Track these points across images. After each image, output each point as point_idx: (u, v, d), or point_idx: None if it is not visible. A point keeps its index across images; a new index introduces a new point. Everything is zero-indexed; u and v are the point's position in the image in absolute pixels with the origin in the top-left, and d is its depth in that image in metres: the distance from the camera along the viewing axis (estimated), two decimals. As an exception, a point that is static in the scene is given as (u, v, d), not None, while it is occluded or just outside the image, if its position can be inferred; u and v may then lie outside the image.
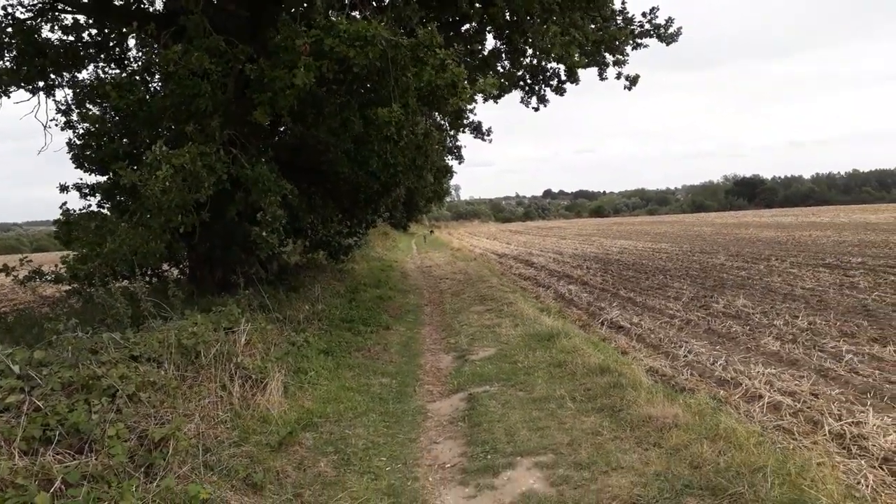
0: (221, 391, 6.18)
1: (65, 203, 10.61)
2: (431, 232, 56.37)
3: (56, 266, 9.62)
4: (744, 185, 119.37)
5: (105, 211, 11.79)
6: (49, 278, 9.51)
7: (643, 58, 49.48)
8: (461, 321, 12.10)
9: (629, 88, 16.93)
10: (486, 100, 21.02)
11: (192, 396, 5.65)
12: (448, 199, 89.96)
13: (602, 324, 11.57)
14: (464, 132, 25.34)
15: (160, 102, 10.25)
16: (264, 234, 9.71)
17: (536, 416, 6.29)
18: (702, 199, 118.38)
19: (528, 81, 20.11)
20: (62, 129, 12.55)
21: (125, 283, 14.46)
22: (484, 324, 11.54)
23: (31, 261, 9.76)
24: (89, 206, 11.62)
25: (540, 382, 7.36)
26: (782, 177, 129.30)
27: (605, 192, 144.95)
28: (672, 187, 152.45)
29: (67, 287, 10.50)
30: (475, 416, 6.49)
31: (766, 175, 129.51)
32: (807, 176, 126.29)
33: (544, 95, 20.09)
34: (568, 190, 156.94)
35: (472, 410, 6.72)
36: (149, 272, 14.44)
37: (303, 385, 7.48)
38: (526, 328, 10.37)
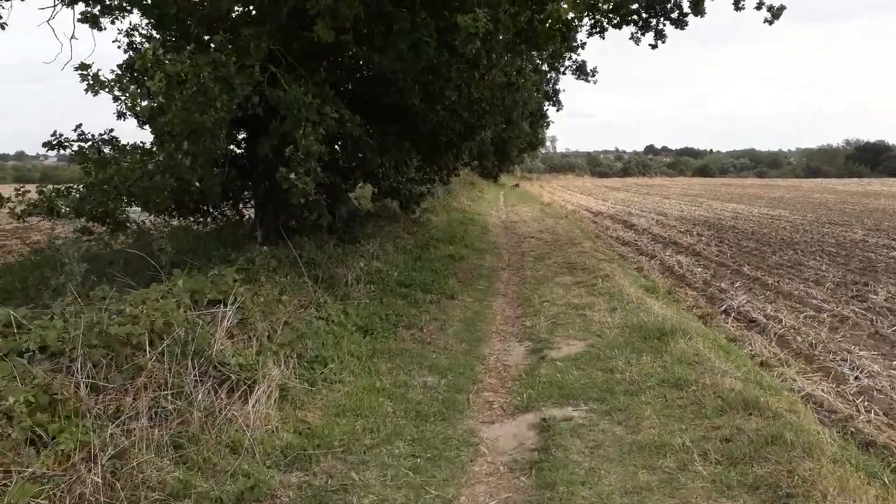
0: (174, 402, 4.16)
1: (79, 125, 8.90)
2: (516, 185, 53.41)
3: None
4: (867, 150, 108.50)
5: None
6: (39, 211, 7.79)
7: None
8: (543, 295, 9.72)
9: (770, 22, 13.58)
10: (591, 33, 18.11)
11: (107, 419, 3.64)
12: (542, 150, 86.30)
13: (727, 314, 8.91)
14: (564, 73, 22.54)
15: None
16: (293, 175, 7.60)
17: (644, 484, 3.93)
18: (818, 163, 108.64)
19: (643, 14, 16.99)
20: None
21: (171, 220, 13.02)
22: (571, 302, 9.12)
23: (28, 191, 8.07)
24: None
25: (649, 413, 4.95)
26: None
27: (711, 150, 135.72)
28: (785, 149, 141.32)
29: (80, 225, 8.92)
30: (548, 469, 4.19)
31: (893, 141, 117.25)
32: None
33: (662, 30, 16.90)
34: (671, 146, 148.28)
35: (544, 454, 4.42)
36: (203, 209, 12.91)
37: (314, 384, 5.40)
38: (627, 315, 7.89)
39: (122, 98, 7.69)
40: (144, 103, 7.82)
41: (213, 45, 7.91)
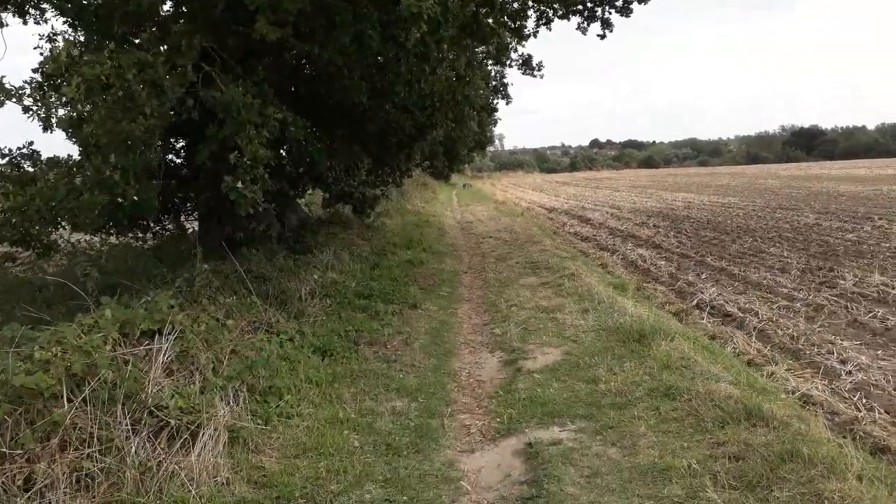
0: (101, 461, 3.48)
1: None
2: (468, 185, 53.03)
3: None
4: (802, 135, 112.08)
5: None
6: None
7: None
8: (509, 298, 9.23)
9: None
10: (537, 24, 17.82)
11: (13, 495, 2.96)
12: (491, 148, 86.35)
13: (700, 309, 8.57)
14: (510, 66, 22.20)
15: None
16: (239, 184, 6.90)
17: (657, 520, 3.45)
18: (757, 150, 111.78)
19: (588, 4, 16.79)
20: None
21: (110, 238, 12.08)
22: (540, 304, 8.65)
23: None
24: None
25: (644, 430, 4.47)
26: (842, 127, 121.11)
27: (654, 141, 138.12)
28: (724, 137, 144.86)
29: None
30: (543, 506, 3.69)
31: (825, 125, 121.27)
32: (871, 126, 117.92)
33: (608, 19, 16.74)
34: (616, 139, 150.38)
35: (536, 488, 3.88)
36: (142, 224, 12.02)
37: (269, 420, 4.76)
38: (600, 316, 7.45)
39: (34, 108, 6.83)
40: (62, 112, 6.98)
41: (139, 44, 7.13)
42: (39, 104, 6.73)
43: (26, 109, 6.71)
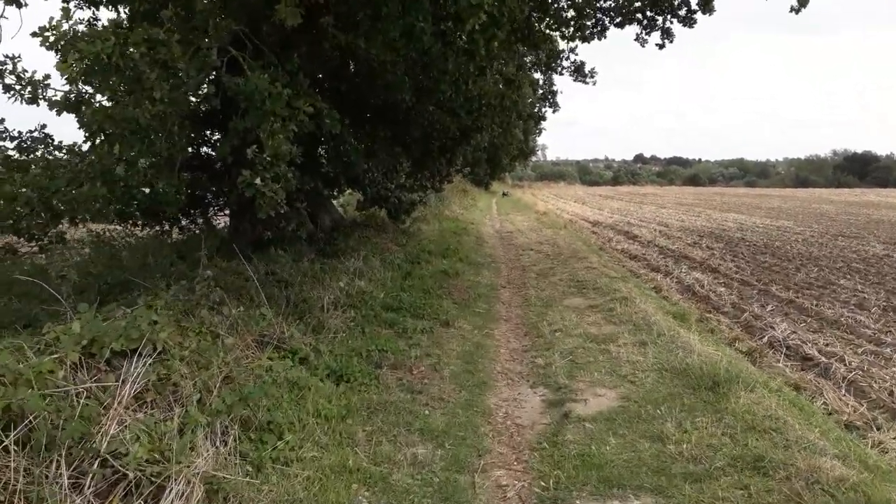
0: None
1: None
2: (505, 194, 51.64)
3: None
4: (854, 160, 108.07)
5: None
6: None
7: (756, 15, 42.80)
8: (553, 321, 8.22)
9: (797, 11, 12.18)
10: (591, 32, 17.02)
11: None
12: (533, 158, 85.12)
13: (772, 348, 7.43)
14: (561, 74, 21.13)
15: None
16: (258, 181, 6.04)
17: None
18: (806, 173, 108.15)
19: (648, 13, 15.76)
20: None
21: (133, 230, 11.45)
22: (588, 332, 7.61)
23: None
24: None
25: (736, 520, 3.46)
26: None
27: (699, 159, 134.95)
28: (772, 159, 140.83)
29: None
30: None
31: (880, 152, 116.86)
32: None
33: (669, 28, 15.70)
34: (660, 155, 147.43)
35: None
36: (169, 217, 11.35)
37: (261, 468, 3.86)
38: (661, 353, 6.41)
39: (18, 87, 6.01)
40: (52, 93, 6.14)
41: (158, 20, 6.35)
42: (24, 83, 5.94)
43: (7, 89, 5.93)
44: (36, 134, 7.53)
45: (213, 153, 12.36)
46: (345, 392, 5.35)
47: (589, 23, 15.99)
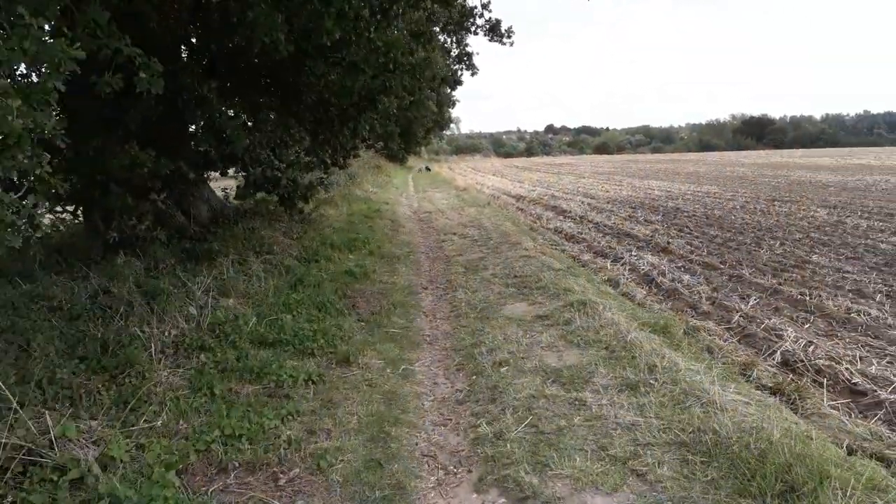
0: None
1: None
2: (427, 169, 48.81)
3: None
4: (752, 124, 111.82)
5: None
6: None
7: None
8: (493, 344, 5.85)
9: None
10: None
11: None
12: (447, 132, 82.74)
13: (792, 369, 5.33)
14: (476, 33, 18.71)
15: None
16: None
17: None
18: (708, 137, 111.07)
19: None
20: None
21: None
22: (546, 363, 5.29)
23: None
24: None
25: None
26: (791, 116, 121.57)
27: (607, 128, 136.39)
28: (675, 125, 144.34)
29: None
30: None
31: (774, 115, 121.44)
32: (817, 116, 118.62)
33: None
34: (570, 125, 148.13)
35: None
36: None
37: None
38: (665, 404, 4.17)
39: None
40: None
41: None
42: None
43: None
44: None
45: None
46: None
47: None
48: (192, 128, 10.54)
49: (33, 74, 5.61)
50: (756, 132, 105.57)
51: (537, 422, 4.22)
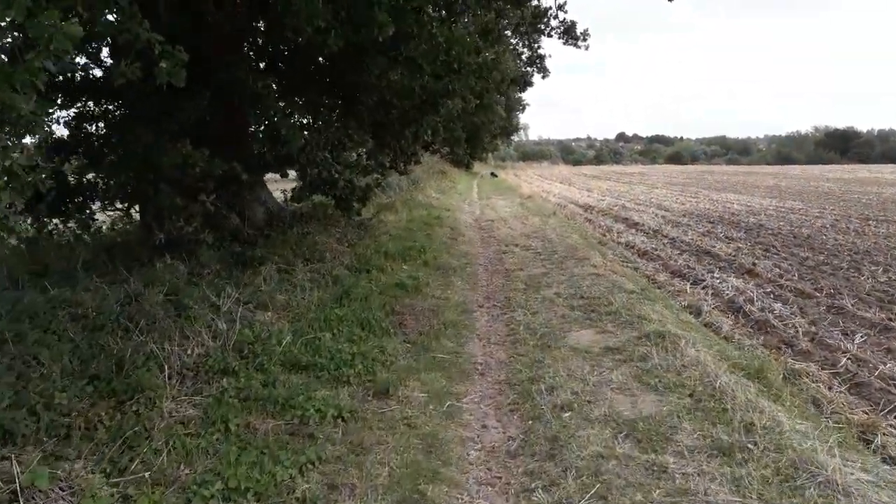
0: None
1: None
2: (493, 175, 47.67)
3: None
4: (835, 136, 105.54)
5: None
6: None
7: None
8: (554, 382, 5.03)
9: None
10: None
11: None
12: (515, 138, 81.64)
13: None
14: (549, 35, 17.83)
15: None
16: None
17: None
18: (788, 150, 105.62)
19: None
20: None
21: None
22: (617, 411, 4.44)
23: None
24: None
25: None
26: (878, 130, 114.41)
27: (681, 137, 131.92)
28: (752, 136, 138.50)
29: None
30: None
31: (860, 128, 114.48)
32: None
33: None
34: (642, 134, 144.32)
35: None
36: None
37: None
38: (766, 474, 3.28)
39: None
40: None
41: None
42: None
43: None
44: None
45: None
46: None
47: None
48: (253, 128, 10.20)
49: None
50: (840, 146, 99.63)
51: (606, 492, 3.40)
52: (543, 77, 19.55)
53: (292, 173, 10.89)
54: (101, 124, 8.79)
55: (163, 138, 7.66)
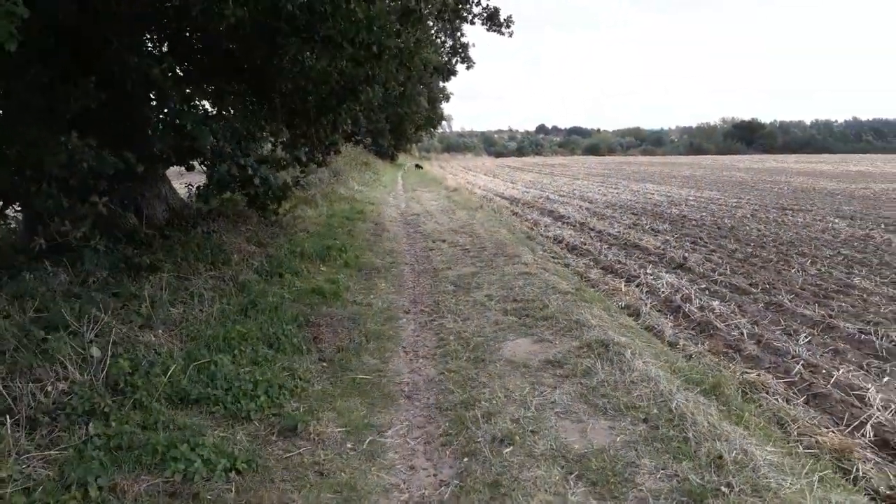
0: None
1: None
2: (419, 166, 46.79)
3: None
4: (742, 128, 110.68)
5: None
6: None
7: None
8: (492, 406, 4.37)
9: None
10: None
11: None
12: (438, 129, 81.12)
13: (882, 448, 3.90)
14: (472, 22, 17.18)
15: None
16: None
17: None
18: (699, 140, 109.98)
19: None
20: None
21: None
22: (566, 443, 3.82)
23: None
24: None
25: None
26: (780, 122, 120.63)
27: (598, 129, 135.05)
28: (665, 127, 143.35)
29: None
30: None
31: (764, 119, 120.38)
32: (807, 122, 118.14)
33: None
34: (561, 126, 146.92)
35: None
36: None
37: None
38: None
39: None
40: None
41: None
42: None
43: None
44: None
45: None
46: None
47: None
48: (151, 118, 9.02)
49: None
50: (746, 136, 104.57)
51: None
52: (468, 67, 18.92)
53: (199, 166, 9.76)
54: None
55: (45, 132, 6.54)
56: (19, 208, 8.11)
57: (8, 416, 3.51)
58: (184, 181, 11.12)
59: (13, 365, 3.99)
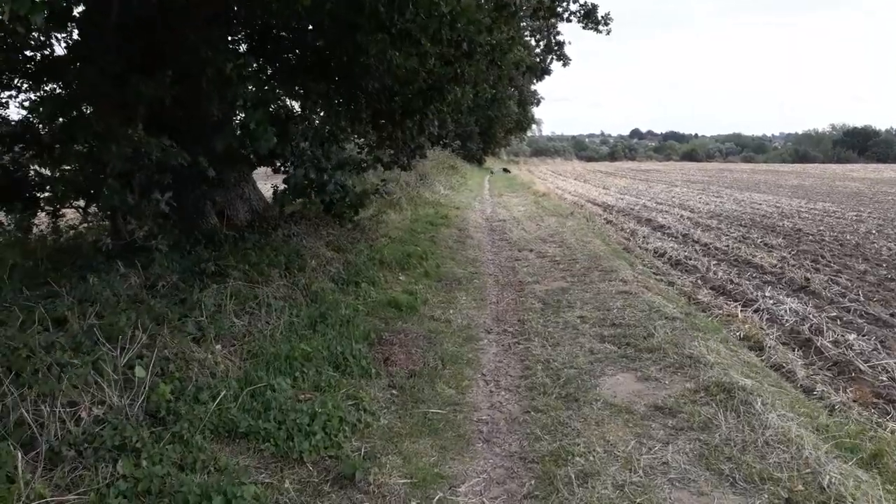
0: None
1: None
2: (506, 170, 45.68)
3: None
4: (854, 135, 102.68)
5: None
6: None
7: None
8: (587, 462, 3.57)
9: None
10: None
11: None
12: (528, 133, 79.87)
13: None
14: (568, 20, 16.23)
15: None
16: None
17: None
18: (805, 148, 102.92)
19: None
20: None
21: None
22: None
23: None
24: None
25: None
26: (895, 129, 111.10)
27: (696, 134, 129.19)
28: (768, 134, 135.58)
29: None
30: None
31: (879, 126, 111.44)
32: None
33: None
34: (656, 130, 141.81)
35: None
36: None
37: None
38: None
39: None
40: None
41: None
42: None
43: None
44: None
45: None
46: None
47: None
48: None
49: None
50: (859, 144, 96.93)
51: None
52: (564, 65, 17.90)
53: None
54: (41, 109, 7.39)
55: (115, 125, 6.28)
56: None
57: (24, 451, 3.04)
58: (273, 182, 10.82)
59: (45, 385, 3.55)
